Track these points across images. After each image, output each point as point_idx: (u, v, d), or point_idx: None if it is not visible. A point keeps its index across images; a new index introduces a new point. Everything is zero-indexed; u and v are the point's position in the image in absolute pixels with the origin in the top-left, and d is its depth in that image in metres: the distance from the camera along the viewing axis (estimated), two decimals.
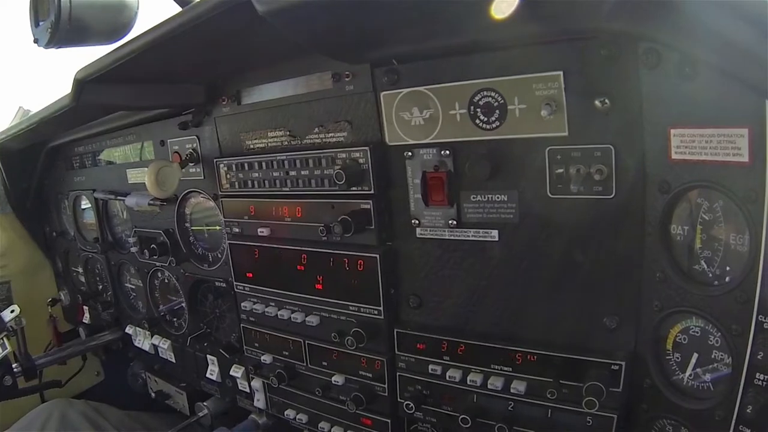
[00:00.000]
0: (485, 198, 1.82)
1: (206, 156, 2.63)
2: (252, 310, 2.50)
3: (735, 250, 1.45)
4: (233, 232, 2.48)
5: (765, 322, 1.35)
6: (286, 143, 2.27)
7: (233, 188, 2.43)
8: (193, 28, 1.60)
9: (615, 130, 1.55)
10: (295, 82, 2.17)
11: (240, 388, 2.90)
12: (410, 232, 2.00)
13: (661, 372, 1.65)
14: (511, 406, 1.88)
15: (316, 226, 2.07)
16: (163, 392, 3.59)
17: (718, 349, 1.52)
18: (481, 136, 1.77)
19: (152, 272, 3.27)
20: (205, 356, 3.06)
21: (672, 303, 1.57)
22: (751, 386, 1.39)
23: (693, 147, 1.42)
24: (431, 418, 2.09)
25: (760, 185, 1.30)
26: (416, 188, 1.93)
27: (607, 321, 1.69)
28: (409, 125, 1.90)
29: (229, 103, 2.42)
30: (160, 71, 2.19)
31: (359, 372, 2.22)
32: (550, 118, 1.60)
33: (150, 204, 2.88)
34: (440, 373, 1.99)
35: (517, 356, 1.84)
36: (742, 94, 1.28)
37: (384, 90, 1.92)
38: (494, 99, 1.71)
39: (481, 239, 1.86)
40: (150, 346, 3.44)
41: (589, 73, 1.55)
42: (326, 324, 2.25)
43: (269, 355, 2.52)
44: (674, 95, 1.43)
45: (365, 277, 2.07)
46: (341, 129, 2.08)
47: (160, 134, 2.85)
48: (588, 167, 1.61)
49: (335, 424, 2.41)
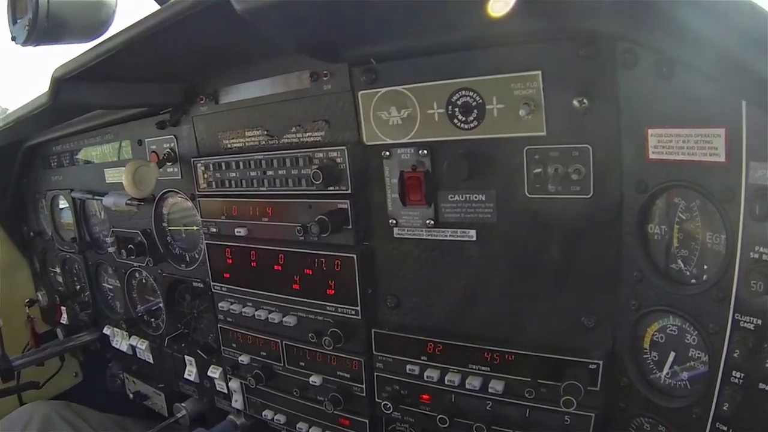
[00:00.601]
0: (463, 198, 1.80)
1: (184, 155, 2.58)
2: (229, 311, 2.46)
3: (712, 249, 1.45)
4: (210, 232, 2.45)
5: (741, 321, 1.35)
6: (263, 143, 2.23)
7: (210, 188, 2.40)
8: (172, 27, 1.57)
9: (593, 129, 1.54)
10: (273, 81, 2.14)
11: (218, 388, 2.86)
12: (388, 232, 1.98)
13: (638, 371, 1.65)
14: (489, 406, 1.86)
15: (293, 226, 2.04)
16: (141, 393, 3.54)
17: (695, 348, 1.53)
18: (459, 135, 1.75)
19: (130, 272, 3.21)
20: (182, 357, 3.02)
21: (649, 302, 1.57)
22: (727, 384, 1.39)
23: (670, 147, 1.42)
24: (409, 418, 2.07)
25: (736, 185, 1.31)
26: (394, 188, 1.90)
27: (584, 320, 1.68)
28: (386, 125, 1.87)
29: (206, 102, 2.39)
30: (138, 70, 2.14)
31: (337, 372, 2.20)
32: (528, 117, 1.59)
33: (127, 204, 2.83)
34: (418, 373, 1.97)
35: (495, 356, 1.82)
36: (719, 95, 1.29)
37: (362, 89, 1.90)
38: (472, 99, 1.70)
39: (459, 239, 1.84)
40: (128, 346, 3.39)
41: (567, 73, 1.53)
42: (303, 324, 2.22)
43: (247, 356, 2.48)
44: (651, 95, 1.43)
45: (342, 277, 2.05)
46: (319, 128, 2.05)
47: (138, 133, 2.80)
48: (566, 167, 1.60)
49: (313, 424, 2.37)
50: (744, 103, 1.26)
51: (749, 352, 1.32)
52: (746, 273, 1.32)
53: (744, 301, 1.34)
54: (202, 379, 2.96)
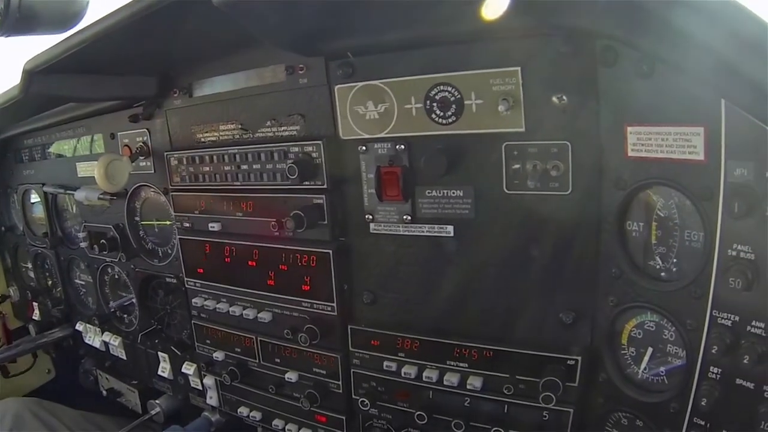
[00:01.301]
0: (440, 193, 1.78)
1: (157, 149, 2.53)
2: (203, 307, 2.42)
3: (690, 246, 1.45)
4: (184, 226, 2.39)
5: (719, 317, 1.36)
6: (237, 137, 2.19)
7: (184, 182, 2.34)
8: (146, 18, 1.53)
9: (572, 126, 1.54)
10: (248, 74, 2.10)
11: (192, 385, 2.81)
12: (364, 228, 1.95)
13: (616, 366, 1.65)
14: (467, 402, 1.85)
15: (268, 221, 2.01)
16: (114, 390, 3.47)
17: (673, 344, 1.53)
18: (437, 130, 1.73)
19: (102, 268, 3.14)
20: (156, 353, 2.96)
21: (627, 298, 1.57)
22: (705, 379, 1.40)
23: (649, 144, 1.42)
24: (387, 415, 2.05)
25: (715, 183, 1.31)
26: (370, 183, 1.88)
27: (563, 316, 1.67)
28: (363, 119, 1.84)
29: (180, 95, 2.33)
30: (111, 62, 2.09)
31: (313, 369, 2.17)
32: (507, 113, 1.58)
33: (100, 198, 2.77)
34: (395, 369, 1.95)
35: (473, 352, 1.81)
36: (699, 93, 1.29)
37: (338, 83, 1.87)
38: (451, 94, 1.68)
39: (436, 235, 1.82)
40: (100, 343, 3.32)
41: (546, 70, 1.52)
42: (279, 320, 2.18)
43: (221, 352, 2.43)
44: (631, 93, 1.43)
45: (318, 273, 2.02)
46: (294, 122, 2.01)
47: (111, 127, 2.74)
48: (545, 163, 1.59)
49: (289, 421, 2.34)
50: (723, 101, 1.25)
51: (727, 348, 1.33)
52: (724, 270, 1.32)
53: (722, 298, 1.35)
54: (176, 375, 2.90)
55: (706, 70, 1.20)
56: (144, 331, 2.92)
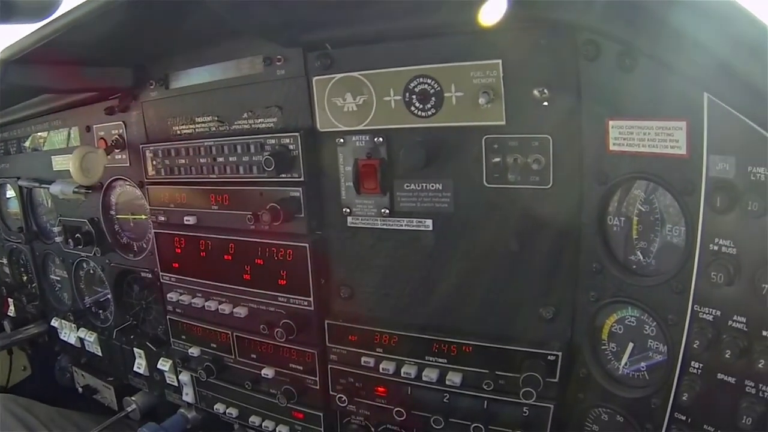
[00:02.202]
0: (419, 186, 1.75)
1: (132, 142, 2.48)
2: (178, 302, 2.36)
3: (671, 241, 1.45)
4: (159, 220, 2.33)
5: (701, 312, 1.35)
6: (214, 129, 2.14)
7: (159, 175, 2.29)
8: (120, 6, 1.49)
9: (553, 120, 1.52)
10: (225, 66, 2.05)
11: (168, 381, 2.75)
12: (341, 221, 1.92)
13: (597, 362, 1.64)
14: (446, 398, 1.82)
15: (244, 214, 1.96)
16: (90, 387, 3.40)
17: (654, 339, 1.53)
18: (416, 123, 1.70)
19: (77, 263, 3.07)
20: (131, 349, 2.90)
21: (608, 293, 1.56)
22: (686, 374, 1.40)
23: (631, 139, 1.41)
24: (365, 411, 2.02)
25: (696, 177, 1.30)
26: (348, 176, 1.85)
27: (543, 311, 1.65)
28: (341, 111, 1.81)
29: (156, 87, 2.28)
30: (86, 52, 2.04)
31: (290, 365, 2.12)
32: (488, 106, 1.56)
33: (75, 192, 2.71)
34: (373, 365, 1.92)
35: (452, 348, 1.78)
36: (681, 87, 1.28)
37: (316, 75, 1.83)
38: (430, 86, 1.65)
39: (414, 228, 1.79)
40: (76, 339, 3.25)
41: (528, 63, 1.50)
42: (255, 315, 2.13)
43: (197, 348, 2.38)
44: (613, 87, 1.42)
45: (295, 267, 1.97)
46: (271, 114, 1.97)
47: (86, 120, 2.68)
48: (525, 157, 1.58)
49: (266, 418, 2.29)
50: (706, 95, 1.25)
51: (708, 343, 1.33)
52: (706, 265, 1.32)
53: (703, 292, 1.35)
54: (151, 372, 2.85)
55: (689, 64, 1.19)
56: (119, 326, 2.86)
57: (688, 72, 1.24)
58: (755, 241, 1.24)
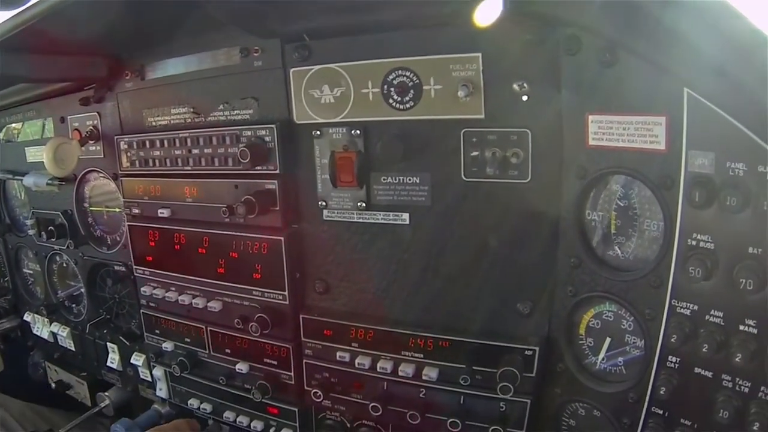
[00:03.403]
0: (396, 180, 1.73)
1: (107, 133, 2.41)
2: (152, 295, 2.30)
3: (649, 235, 1.44)
4: (133, 213, 2.27)
5: (678, 306, 1.35)
6: (189, 120, 2.09)
7: (133, 167, 2.23)
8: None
9: (532, 114, 1.51)
10: (202, 57, 2.00)
11: (142, 376, 2.69)
12: (317, 214, 1.88)
13: (574, 356, 1.63)
14: (423, 393, 1.80)
15: (219, 207, 1.90)
16: (63, 382, 3.31)
17: (631, 333, 1.52)
18: (394, 116, 1.68)
19: (50, 256, 2.99)
20: (105, 344, 2.83)
21: (586, 288, 1.54)
22: (663, 368, 1.40)
23: (610, 133, 1.40)
24: (340, 407, 1.99)
25: (675, 172, 1.30)
26: (324, 168, 1.81)
27: (520, 306, 1.64)
28: (318, 103, 1.78)
29: (132, 77, 2.22)
30: (61, 41, 1.97)
31: (264, 359, 2.08)
32: (467, 99, 1.55)
33: (48, 184, 2.65)
34: (349, 360, 1.88)
35: (429, 342, 1.75)
36: (661, 83, 1.27)
37: (294, 66, 1.80)
38: (409, 79, 1.63)
39: (391, 222, 1.77)
40: (49, 333, 3.16)
41: (508, 57, 1.49)
42: (229, 310, 2.08)
43: (170, 343, 2.32)
44: (593, 81, 1.41)
45: (269, 260, 1.93)
46: (247, 106, 1.93)
47: (61, 110, 2.61)
48: (504, 151, 1.56)
49: (241, 413, 2.25)
50: (686, 91, 1.24)
51: (686, 337, 1.33)
52: (684, 260, 1.32)
53: (681, 287, 1.35)
54: (125, 367, 2.79)
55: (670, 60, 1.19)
56: (92, 321, 2.79)
57: (668, 68, 1.23)
58: (733, 237, 1.24)
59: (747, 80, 1.09)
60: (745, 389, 1.27)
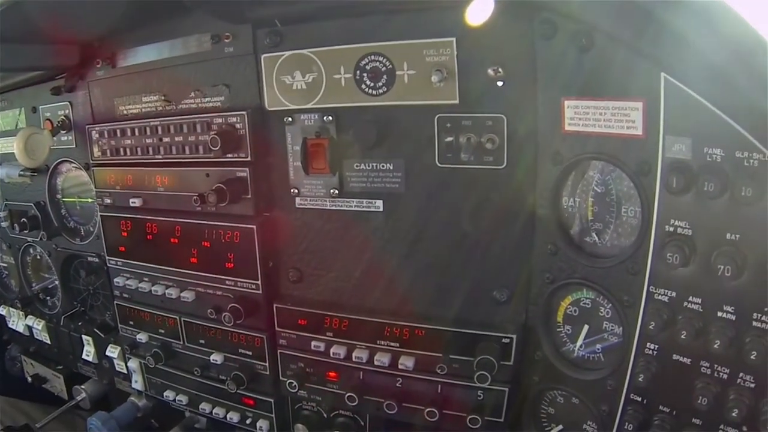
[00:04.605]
0: (369, 166, 1.69)
1: (79, 123, 2.35)
2: (125, 286, 2.23)
3: (626, 222, 1.42)
4: (105, 203, 2.20)
5: (656, 293, 1.33)
6: (160, 108, 2.03)
7: (105, 156, 2.15)
8: None
9: (508, 99, 1.48)
10: (173, 44, 1.95)
11: (118, 369, 2.62)
12: (289, 202, 1.84)
13: (552, 344, 1.61)
14: (399, 383, 1.77)
15: (190, 196, 1.85)
16: (39, 376, 3.22)
17: (609, 320, 1.50)
18: (367, 101, 1.64)
19: (24, 248, 2.91)
20: (80, 336, 2.76)
21: (563, 275, 1.52)
22: (642, 356, 1.40)
23: (587, 119, 1.38)
24: (316, 397, 1.95)
25: (653, 158, 1.28)
26: (296, 155, 1.77)
27: (496, 294, 1.61)
28: (290, 89, 1.73)
29: (103, 66, 2.15)
30: (31, 29, 1.90)
31: (238, 350, 2.03)
32: (441, 85, 1.51)
33: (21, 175, 2.60)
34: (323, 349, 1.85)
35: (405, 331, 1.73)
36: (638, 67, 1.26)
37: (265, 52, 1.75)
38: (382, 64, 1.59)
39: (364, 209, 1.73)
40: (24, 327, 3.08)
41: (482, 41, 1.45)
42: (202, 300, 2.03)
43: (145, 334, 2.26)
44: (569, 66, 1.38)
45: (242, 249, 1.88)
46: (219, 93, 1.88)
47: (33, 100, 2.54)
48: (479, 136, 1.53)
49: (216, 405, 2.19)
50: (663, 76, 1.22)
51: (664, 324, 1.32)
52: (661, 246, 1.30)
53: (659, 273, 1.33)
54: (100, 359, 2.72)
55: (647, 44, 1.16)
56: (67, 313, 2.73)
57: (645, 52, 1.20)
58: (711, 222, 1.22)
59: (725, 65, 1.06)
60: (723, 376, 1.25)
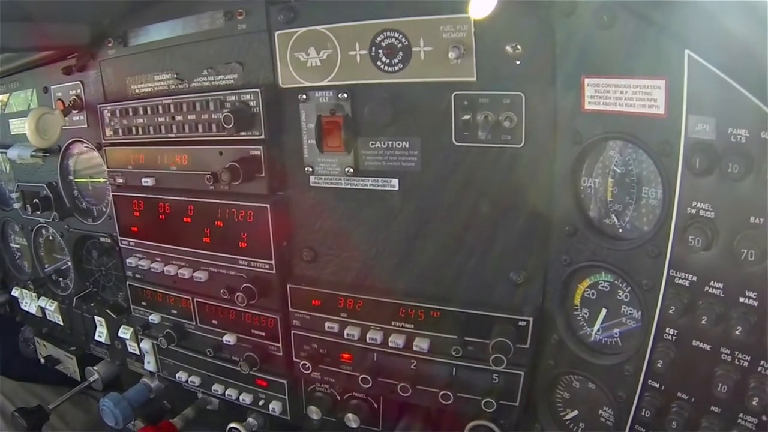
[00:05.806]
0: (385, 144, 1.67)
1: (90, 102, 2.34)
2: (138, 267, 2.23)
3: (647, 203, 1.39)
4: (117, 183, 2.19)
5: (676, 277, 1.30)
6: (173, 87, 2.01)
7: (117, 135, 2.14)
8: None
9: (526, 77, 1.45)
10: (185, 21, 1.92)
11: (130, 350, 2.63)
12: (304, 181, 1.82)
13: (568, 328, 1.59)
14: (413, 365, 1.75)
15: (203, 175, 1.84)
16: (52, 357, 3.25)
17: (628, 305, 1.48)
18: (382, 78, 1.61)
19: (36, 229, 2.92)
20: (92, 317, 2.78)
21: (581, 257, 1.49)
22: (660, 341, 1.37)
23: (607, 97, 1.35)
24: (330, 378, 1.94)
25: (675, 138, 1.25)
26: (310, 133, 1.74)
27: (513, 276, 1.59)
28: (304, 66, 1.71)
29: (115, 45, 2.14)
30: (42, 8, 1.88)
31: (251, 331, 2.02)
32: (458, 62, 1.48)
33: (32, 155, 2.59)
34: (337, 330, 1.83)
35: (420, 312, 1.71)
36: (661, 44, 1.22)
37: (279, 29, 1.72)
38: (398, 40, 1.56)
39: (380, 188, 1.71)
40: (37, 308, 3.11)
41: (500, 17, 1.41)
42: (215, 280, 2.02)
43: (157, 315, 2.25)
44: (589, 43, 1.35)
45: (255, 229, 1.87)
46: (232, 71, 1.85)
47: (44, 80, 2.53)
48: (496, 115, 1.50)
49: (229, 386, 2.19)
50: (687, 53, 1.17)
51: (684, 309, 1.29)
52: (683, 228, 1.27)
53: (679, 256, 1.30)
54: (113, 340, 2.73)
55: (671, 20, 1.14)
56: (79, 294, 2.73)
57: (669, 28, 1.17)
58: (734, 205, 1.19)
59: (752, 42, 1.02)
60: (744, 363, 1.22)
